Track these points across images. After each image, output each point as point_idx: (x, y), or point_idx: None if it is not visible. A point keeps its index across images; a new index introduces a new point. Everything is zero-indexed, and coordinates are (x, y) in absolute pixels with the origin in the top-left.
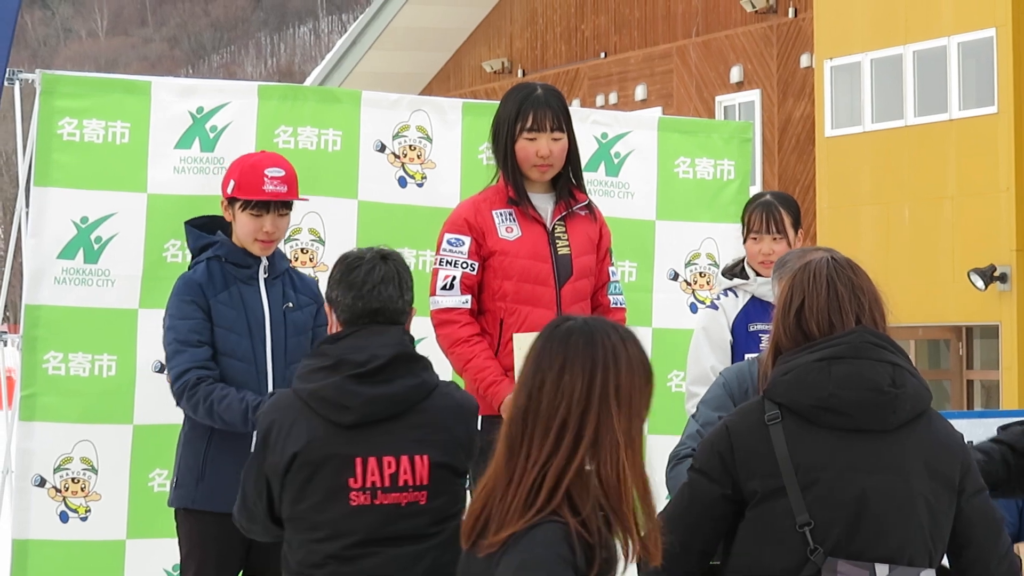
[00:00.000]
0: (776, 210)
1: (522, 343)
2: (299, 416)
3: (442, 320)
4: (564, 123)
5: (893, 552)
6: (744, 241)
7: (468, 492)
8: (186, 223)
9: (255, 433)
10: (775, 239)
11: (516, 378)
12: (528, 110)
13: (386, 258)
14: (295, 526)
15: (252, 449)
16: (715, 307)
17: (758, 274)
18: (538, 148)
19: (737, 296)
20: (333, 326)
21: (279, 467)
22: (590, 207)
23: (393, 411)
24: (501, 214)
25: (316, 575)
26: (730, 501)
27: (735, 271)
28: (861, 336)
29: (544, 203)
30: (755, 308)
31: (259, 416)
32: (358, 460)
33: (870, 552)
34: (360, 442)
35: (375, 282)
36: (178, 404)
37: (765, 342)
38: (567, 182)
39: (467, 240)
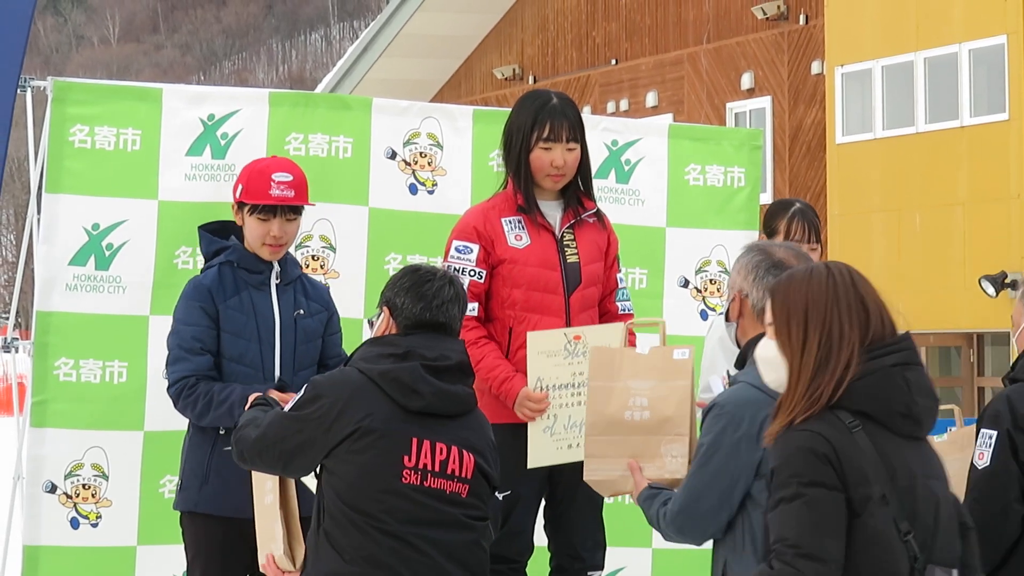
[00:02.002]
0: (814, 218)
1: (536, 341)
2: (363, 391)
3: None
4: (579, 133)
5: (956, 559)
6: None
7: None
8: (200, 228)
9: (301, 392)
10: (812, 248)
11: (528, 376)
12: (545, 120)
13: (452, 281)
14: (346, 500)
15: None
16: None
17: None
18: (553, 158)
19: None
20: (387, 329)
21: (333, 435)
22: (598, 214)
23: (452, 410)
24: (510, 222)
25: (366, 552)
26: (847, 506)
27: None
28: (910, 341)
29: (552, 211)
30: None
31: (313, 382)
32: (414, 440)
33: (944, 559)
34: (418, 426)
35: (445, 299)
36: (175, 406)
37: None
38: (576, 190)
39: (475, 248)
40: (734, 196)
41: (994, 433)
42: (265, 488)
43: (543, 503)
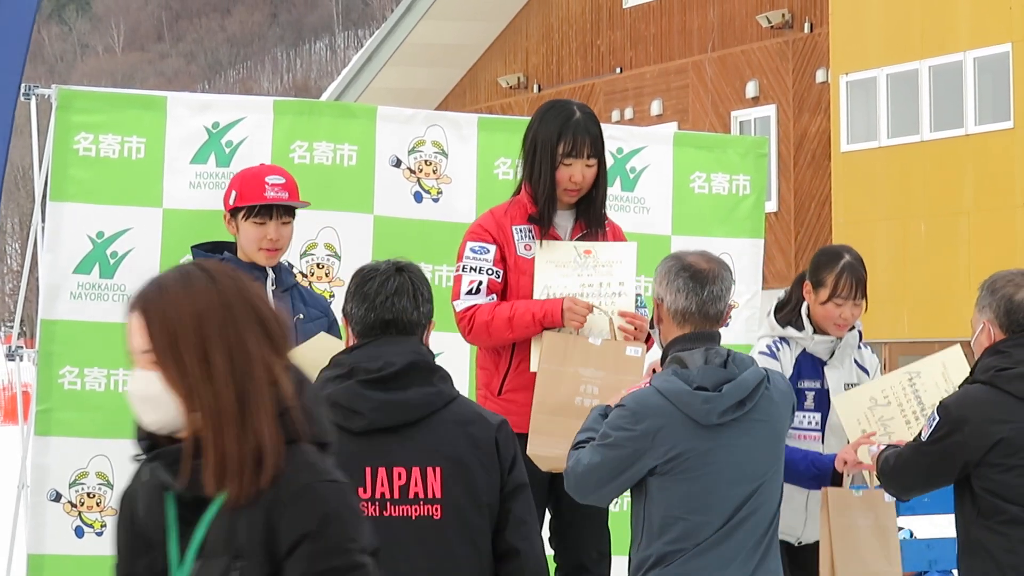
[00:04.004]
0: (862, 274)
1: (545, 248)
2: None
3: (469, 314)
4: (599, 149)
5: None
6: (822, 301)
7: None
8: (193, 247)
9: None
10: (857, 304)
11: (535, 284)
12: (568, 135)
13: (401, 270)
14: None
15: None
16: (773, 356)
17: (816, 331)
18: (572, 174)
19: (790, 348)
20: (349, 341)
21: None
22: (609, 225)
23: (405, 419)
24: (521, 230)
25: None
26: None
27: (790, 318)
28: None
29: (564, 220)
30: (806, 364)
31: None
32: (368, 469)
33: None
34: (370, 451)
35: (388, 293)
36: None
37: (811, 401)
38: (590, 204)
39: (492, 248)
40: (739, 204)
41: (937, 418)
42: None
43: (547, 515)
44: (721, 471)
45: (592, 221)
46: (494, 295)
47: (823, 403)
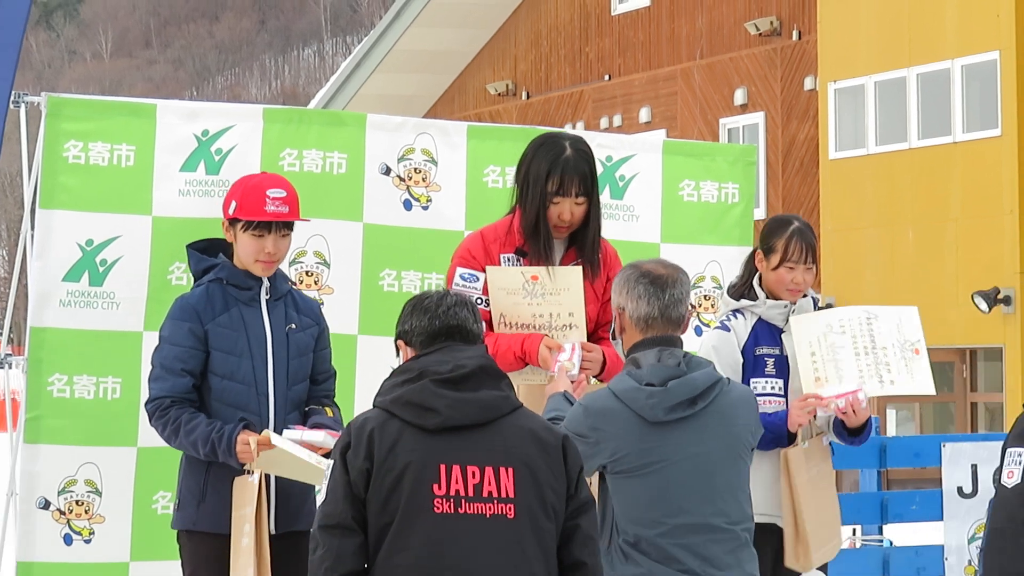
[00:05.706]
0: (811, 239)
1: (495, 277)
2: (382, 425)
3: None
4: (590, 186)
5: None
6: (774, 267)
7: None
8: (188, 246)
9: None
10: (808, 269)
11: (492, 311)
12: (556, 173)
13: (452, 294)
14: (379, 538)
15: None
16: (726, 328)
17: (769, 297)
18: (561, 212)
19: (745, 318)
20: (407, 359)
21: (363, 474)
22: (603, 247)
23: (479, 418)
24: (508, 259)
25: None
26: None
27: (742, 291)
28: None
29: (554, 251)
30: (763, 331)
31: (338, 437)
32: (442, 466)
33: None
34: (444, 448)
35: (448, 304)
36: (150, 423)
37: (771, 366)
38: (583, 239)
39: (481, 277)
40: (728, 212)
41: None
42: (243, 531)
43: None
44: (673, 471)
45: (583, 255)
46: (482, 324)
47: (783, 369)
